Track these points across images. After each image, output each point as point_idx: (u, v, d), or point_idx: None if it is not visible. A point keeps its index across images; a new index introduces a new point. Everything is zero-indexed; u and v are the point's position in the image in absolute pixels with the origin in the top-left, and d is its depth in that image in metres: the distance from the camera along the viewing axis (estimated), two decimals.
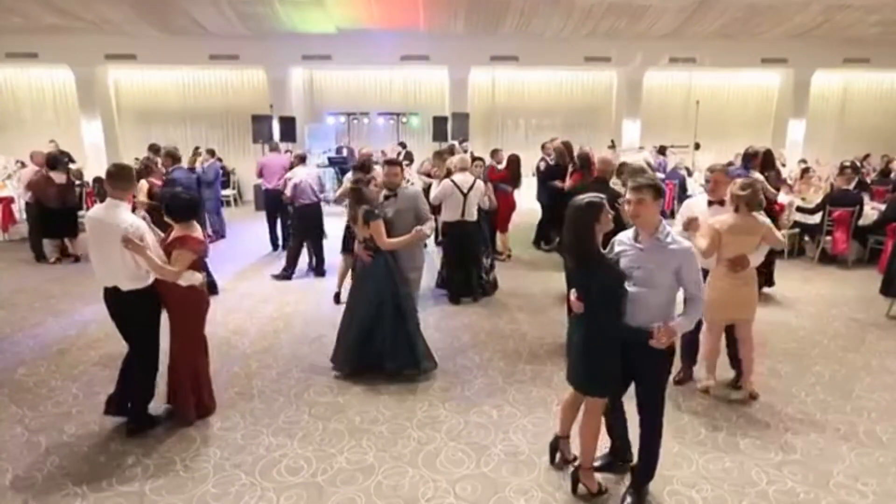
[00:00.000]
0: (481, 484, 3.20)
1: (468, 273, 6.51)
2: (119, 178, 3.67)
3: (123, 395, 3.77)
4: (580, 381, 3.02)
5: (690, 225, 3.79)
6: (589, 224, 2.79)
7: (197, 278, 3.67)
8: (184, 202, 3.74)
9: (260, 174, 9.10)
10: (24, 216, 9.03)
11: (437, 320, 5.83)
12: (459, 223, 6.38)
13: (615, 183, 5.35)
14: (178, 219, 3.69)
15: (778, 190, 6.94)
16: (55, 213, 8.25)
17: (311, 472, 3.31)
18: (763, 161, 6.78)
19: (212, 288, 5.95)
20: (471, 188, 6.34)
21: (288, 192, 7.31)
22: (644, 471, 3.04)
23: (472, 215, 6.44)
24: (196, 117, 14.61)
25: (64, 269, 7.99)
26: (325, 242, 7.60)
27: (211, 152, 10.61)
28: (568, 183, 7.22)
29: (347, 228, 6.37)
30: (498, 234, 8.18)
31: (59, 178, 8.29)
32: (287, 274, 7.37)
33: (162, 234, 3.84)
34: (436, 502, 3.06)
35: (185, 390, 3.78)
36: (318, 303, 6.43)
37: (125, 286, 3.55)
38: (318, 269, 7.54)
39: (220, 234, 9.85)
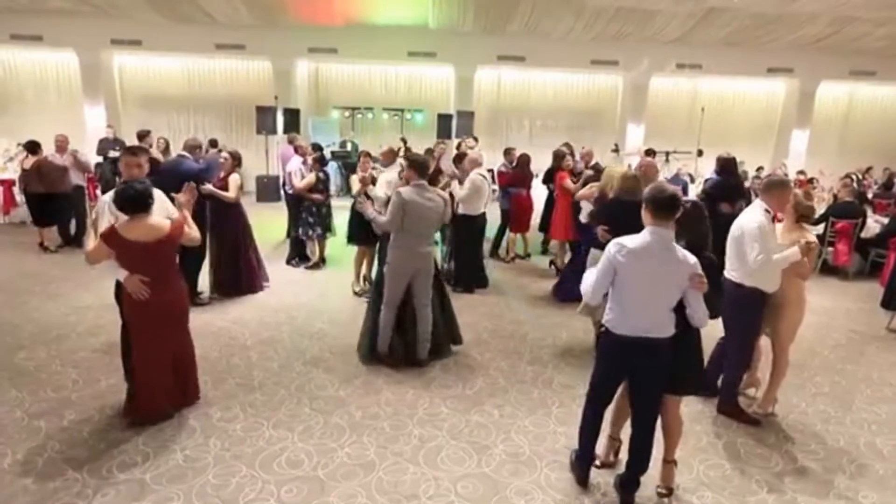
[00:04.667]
0: (482, 483, 3.20)
1: (481, 263, 6.97)
2: None
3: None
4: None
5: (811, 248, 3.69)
6: None
7: (121, 273, 3.42)
8: (121, 195, 3.44)
9: None
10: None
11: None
12: (482, 216, 6.83)
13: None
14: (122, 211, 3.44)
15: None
16: (30, 200, 8.11)
17: (312, 466, 3.30)
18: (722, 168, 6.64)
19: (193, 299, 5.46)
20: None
21: None
22: None
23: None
24: (200, 106, 14.56)
25: (64, 254, 7.95)
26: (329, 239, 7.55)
27: (213, 143, 10.49)
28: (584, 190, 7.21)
29: (350, 220, 6.42)
30: (510, 235, 8.20)
31: (27, 163, 8.02)
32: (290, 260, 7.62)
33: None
34: (437, 500, 3.05)
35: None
36: (320, 295, 6.41)
37: None
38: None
39: None
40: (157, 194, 3.81)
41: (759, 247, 3.55)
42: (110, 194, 3.56)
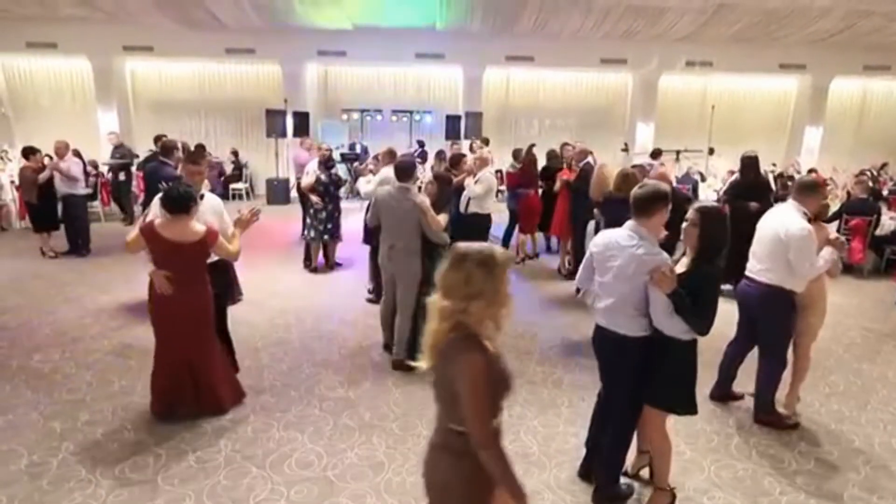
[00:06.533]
0: None
1: None
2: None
3: None
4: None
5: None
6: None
7: (149, 267, 3.58)
8: (167, 193, 3.63)
9: None
10: None
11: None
12: (489, 215, 6.74)
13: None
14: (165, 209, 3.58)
15: None
16: (25, 206, 8.24)
17: (322, 467, 3.32)
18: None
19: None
20: None
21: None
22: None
23: None
24: (211, 110, 14.68)
25: (80, 258, 8.06)
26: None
27: (201, 148, 10.29)
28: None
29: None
30: (520, 237, 8.12)
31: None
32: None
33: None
34: None
35: None
36: (330, 297, 6.44)
37: None
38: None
39: None
40: (216, 205, 4.07)
41: (814, 256, 3.53)
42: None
